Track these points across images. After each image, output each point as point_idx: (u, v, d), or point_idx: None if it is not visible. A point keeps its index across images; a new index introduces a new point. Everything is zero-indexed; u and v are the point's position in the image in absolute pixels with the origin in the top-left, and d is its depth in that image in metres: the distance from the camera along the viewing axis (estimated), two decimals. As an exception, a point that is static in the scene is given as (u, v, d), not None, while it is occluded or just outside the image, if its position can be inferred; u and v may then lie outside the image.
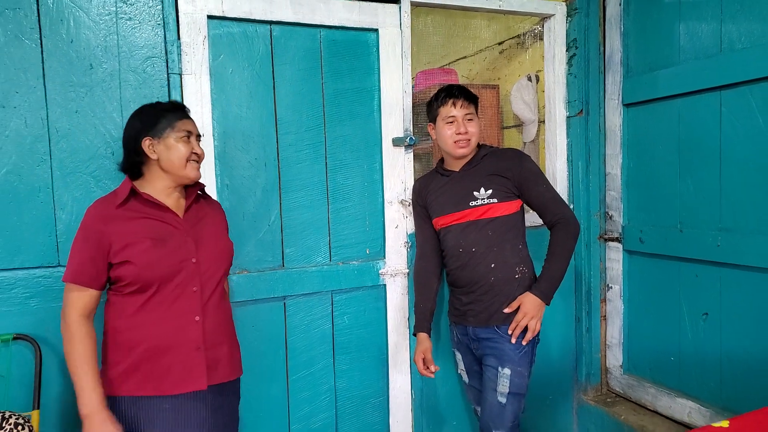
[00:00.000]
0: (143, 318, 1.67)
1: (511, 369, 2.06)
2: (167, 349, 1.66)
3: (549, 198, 2.12)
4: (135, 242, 1.65)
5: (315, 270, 2.31)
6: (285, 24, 2.23)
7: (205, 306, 1.72)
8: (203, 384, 1.68)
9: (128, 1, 1.99)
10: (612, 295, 2.78)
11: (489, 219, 2.10)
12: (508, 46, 3.05)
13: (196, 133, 1.75)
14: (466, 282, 2.14)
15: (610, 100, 2.72)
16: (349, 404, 2.41)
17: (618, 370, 2.78)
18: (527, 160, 2.15)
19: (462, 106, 2.11)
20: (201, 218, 1.79)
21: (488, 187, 2.10)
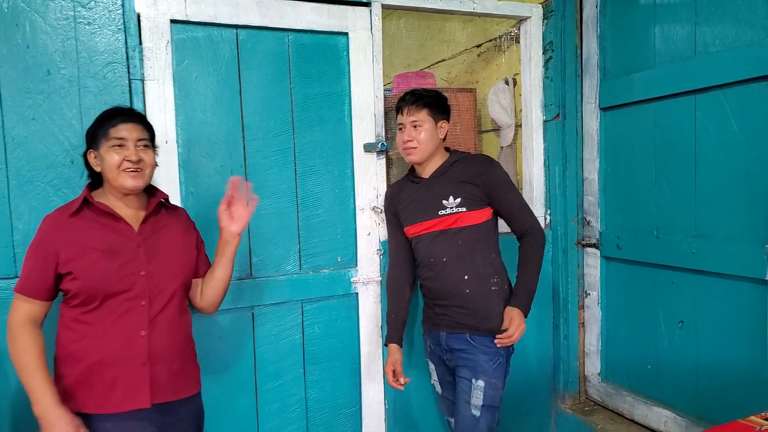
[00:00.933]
0: (89, 331, 1.63)
1: (485, 381, 2.01)
2: (111, 364, 1.61)
3: (518, 207, 2.08)
4: (83, 254, 1.61)
5: (284, 279, 2.26)
6: (252, 28, 2.18)
7: (154, 321, 1.66)
8: (147, 402, 1.62)
9: (87, 5, 1.94)
10: (590, 301, 2.74)
11: (458, 228, 2.04)
12: (486, 49, 3.01)
13: (136, 138, 1.64)
14: (439, 293, 2.09)
15: (587, 104, 2.68)
16: (321, 415, 2.37)
17: (596, 378, 2.74)
18: (497, 167, 2.10)
19: (409, 112, 2.05)
20: (158, 229, 1.73)
21: (457, 195, 2.05)
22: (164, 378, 1.68)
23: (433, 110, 2.06)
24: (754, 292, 2.05)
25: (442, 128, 2.09)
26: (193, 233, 1.86)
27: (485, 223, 2.07)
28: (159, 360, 1.66)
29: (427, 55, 3.06)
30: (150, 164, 1.69)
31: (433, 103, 2.07)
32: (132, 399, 1.62)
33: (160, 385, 1.67)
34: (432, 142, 2.06)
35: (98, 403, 1.61)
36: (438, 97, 2.11)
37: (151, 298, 1.66)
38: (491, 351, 2.02)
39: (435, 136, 2.06)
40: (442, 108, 2.10)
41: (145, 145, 1.67)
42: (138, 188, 1.66)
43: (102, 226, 1.65)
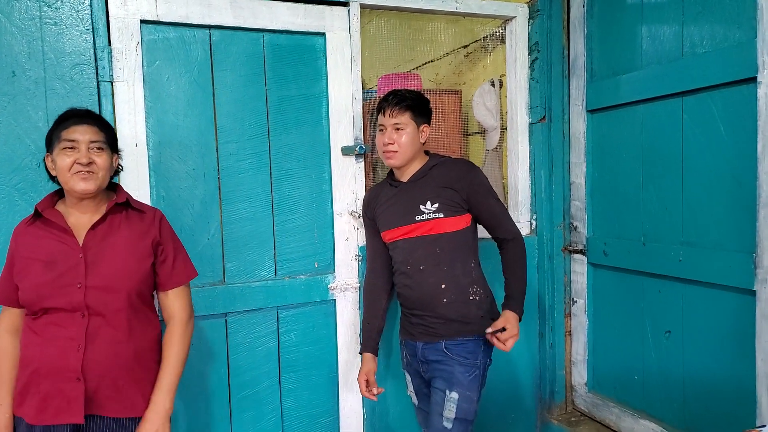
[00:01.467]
0: (33, 340, 1.60)
1: (459, 393, 1.93)
2: (46, 375, 1.56)
3: (499, 212, 2.02)
4: (28, 265, 1.59)
5: (259, 285, 2.21)
6: (225, 28, 2.14)
7: (93, 334, 1.57)
8: (80, 417, 1.54)
9: (53, 5, 1.90)
10: (577, 309, 2.68)
11: (436, 235, 1.97)
12: (473, 50, 2.95)
13: (89, 139, 1.57)
14: (416, 301, 2.01)
15: (574, 106, 2.62)
16: (297, 424, 2.32)
17: (583, 388, 2.67)
18: (477, 172, 2.03)
19: (391, 114, 1.97)
20: (110, 236, 1.63)
21: (435, 201, 1.97)
22: (104, 394, 1.59)
23: (415, 113, 1.99)
24: (741, 302, 1.98)
25: (423, 132, 2.02)
26: (150, 236, 1.69)
27: (464, 231, 2.00)
28: (96, 376, 1.57)
29: (412, 57, 3.00)
30: (103, 167, 1.60)
31: (416, 105, 2.00)
32: (66, 413, 1.55)
33: (98, 401, 1.58)
34: (413, 146, 1.99)
35: (35, 414, 1.57)
36: (421, 100, 2.04)
37: (89, 311, 1.57)
38: (468, 362, 1.95)
39: (416, 140, 2.00)
40: (424, 111, 2.03)
41: (99, 148, 1.59)
42: (89, 191, 1.58)
43: (50, 236, 1.60)
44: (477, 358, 1.97)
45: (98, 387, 1.58)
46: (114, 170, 1.69)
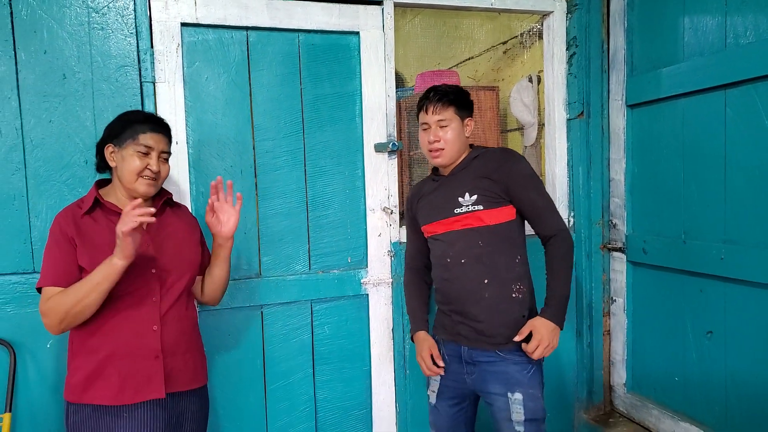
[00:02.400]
0: (105, 324, 1.67)
1: (523, 393, 1.84)
2: (126, 356, 1.66)
3: (542, 206, 1.90)
4: (96, 254, 1.65)
5: (293, 279, 2.27)
6: (261, 29, 2.20)
7: (165, 315, 1.71)
8: (161, 392, 1.67)
9: (101, 11, 2.01)
10: (616, 308, 2.62)
11: (477, 228, 1.89)
12: (511, 46, 2.93)
13: (161, 149, 1.71)
14: (456, 297, 1.94)
15: (614, 101, 2.56)
16: (330, 416, 2.36)
17: (622, 389, 2.61)
18: (517, 161, 1.92)
19: (434, 111, 1.92)
20: (165, 227, 1.78)
21: (474, 192, 1.90)
22: (177, 369, 1.73)
23: (459, 107, 1.94)
24: (785, 302, 1.90)
25: (468, 126, 1.97)
26: (197, 231, 1.89)
27: (508, 224, 1.91)
28: (171, 352, 1.72)
29: (451, 54, 3.00)
30: (164, 177, 1.75)
31: (458, 99, 1.94)
32: (147, 391, 1.67)
33: (173, 376, 1.72)
34: (459, 141, 1.94)
35: (113, 395, 1.65)
36: (462, 93, 1.98)
37: (161, 294, 1.71)
38: (522, 360, 1.87)
39: (462, 135, 1.94)
40: (466, 104, 1.97)
41: (165, 159, 1.74)
42: (148, 195, 1.72)
43: (111, 225, 1.69)
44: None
45: (173, 363, 1.72)
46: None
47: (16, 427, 1.96)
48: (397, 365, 2.41)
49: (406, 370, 2.42)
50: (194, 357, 1.81)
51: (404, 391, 2.42)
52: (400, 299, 2.39)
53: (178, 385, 1.74)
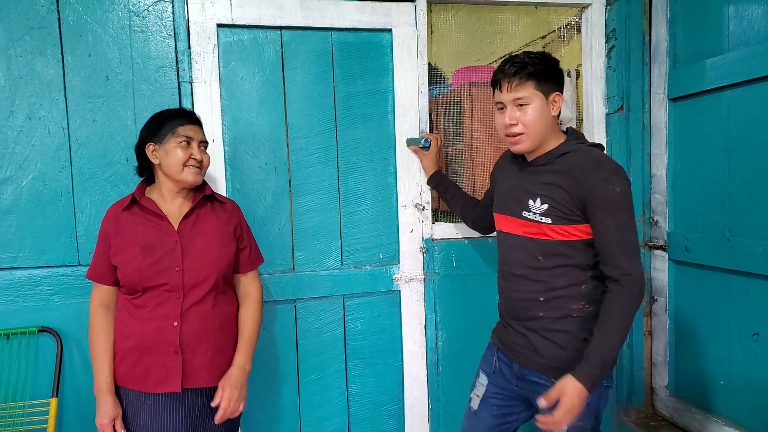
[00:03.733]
0: (132, 316, 1.76)
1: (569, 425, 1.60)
2: (147, 349, 1.73)
3: (615, 240, 1.55)
4: (126, 248, 1.75)
5: (326, 274, 2.30)
6: (295, 28, 2.24)
7: (187, 312, 1.75)
8: (177, 387, 1.72)
9: (141, 14, 2.09)
10: (657, 308, 2.54)
11: (539, 240, 1.65)
12: (550, 41, 2.87)
13: (199, 139, 1.79)
14: (510, 309, 1.78)
15: (655, 94, 2.48)
16: (363, 410, 2.38)
17: (664, 392, 2.53)
18: (607, 180, 1.54)
19: (510, 87, 1.62)
20: (199, 224, 1.82)
21: (545, 201, 1.62)
22: (197, 366, 1.77)
23: (541, 81, 1.62)
24: (835, 303, 1.80)
25: (555, 103, 1.65)
26: (231, 225, 1.88)
27: (579, 242, 1.61)
28: (190, 349, 1.76)
29: (487, 50, 2.97)
30: (206, 165, 1.83)
31: (541, 71, 1.62)
32: (165, 383, 1.73)
33: (193, 372, 1.76)
34: (544, 123, 1.63)
35: (137, 383, 1.75)
36: (547, 62, 1.65)
37: (185, 291, 1.76)
38: None
39: (547, 115, 1.64)
40: (552, 75, 1.65)
41: (204, 148, 1.82)
42: (197, 183, 1.80)
43: (146, 222, 1.78)
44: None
45: (192, 359, 1.75)
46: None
47: (63, 412, 2.07)
48: (430, 362, 2.41)
49: (438, 366, 2.42)
50: (220, 355, 1.82)
51: (437, 387, 2.42)
52: (433, 296, 2.39)
53: (198, 382, 1.77)
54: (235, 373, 1.82)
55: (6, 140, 2.00)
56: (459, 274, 2.41)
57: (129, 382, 1.76)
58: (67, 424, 2.08)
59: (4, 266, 2.02)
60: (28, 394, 2.01)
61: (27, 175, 2.03)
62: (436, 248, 2.39)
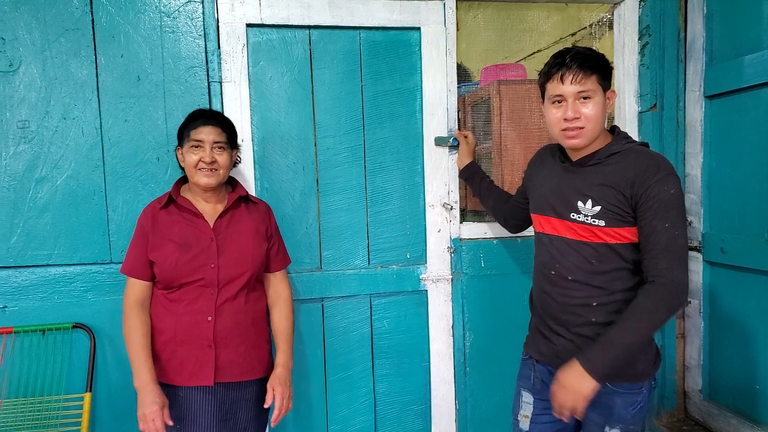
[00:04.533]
0: (167, 310, 1.80)
1: (621, 429, 1.61)
2: (182, 342, 1.78)
3: (661, 243, 1.49)
4: (163, 245, 1.79)
5: (353, 273, 2.30)
6: (323, 28, 2.24)
7: (221, 307, 1.79)
8: (210, 380, 1.76)
9: (172, 15, 2.11)
10: (691, 310, 2.48)
11: (592, 243, 1.59)
12: (581, 38, 2.82)
13: (213, 140, 1.78)
14: (556, 316, 1.70)
15: (691, 92, 2.42)
16: (389, 409, 2.38)
17: (697, 395, 2.47)
18: (662, 180, 1.50)
19: (575, 79, 1.56)
20: (233, 223, 1.86)
21: (597, 202, 1.57)
22: (229, 360, 1.81)
23: (602, 76, 1.59)
24: None
25: (609, 101, 1.64)
26: (264, 225, 1.92)
27: (633, 246, 1.57)
28: (223, 343, 1.79)
29: (516, 47, 2.93)
30: (224, 165, 1.81)
31: (602, 66, 1.60)
32: (199, 376, 1.77)
33: (225, 366, 1.80)
34: (602, 118, 1.60)
35: (171, 376, 1.79)
36: (604, 59, 1.63)
37: (219, 287, 1.79)
38: (631, 393, 1.61)
39: (604, 111, 1.61)
40: (609, 72, 1.63)
41: (220, 147, 1.81)
42: (210, 186, 1.80)
43: (182, 220, 1.82)
44: (641, 387, 1.63)
45: (225, 353, 1.79)
46: (233, 163, 1.91)
47: (96, 406, 2.11)
48: (457, 362, 2.39)
49: (466, 367, 2.40)
50: (251, 350, 1.86)
51: (464, 388, 2.41)
52: (461, 296, 2.37)
53: (230, 376, 1.81)
54: (282, 373, 1.87)
55: (42, 140, 2.05)
56: (487, 274, 2.39)
57: (163, 376, 1.80)
58: (100, 419, 2.12)
59: (40, 263, 2.07)
60: (63, 389, 2.06)
61: (62, 174, 2.07)
62: (464, 248, 2.37)
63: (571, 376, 1.51)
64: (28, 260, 2.06)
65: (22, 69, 2.03)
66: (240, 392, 1.85)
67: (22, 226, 2.05)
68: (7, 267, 2.05)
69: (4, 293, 2.05)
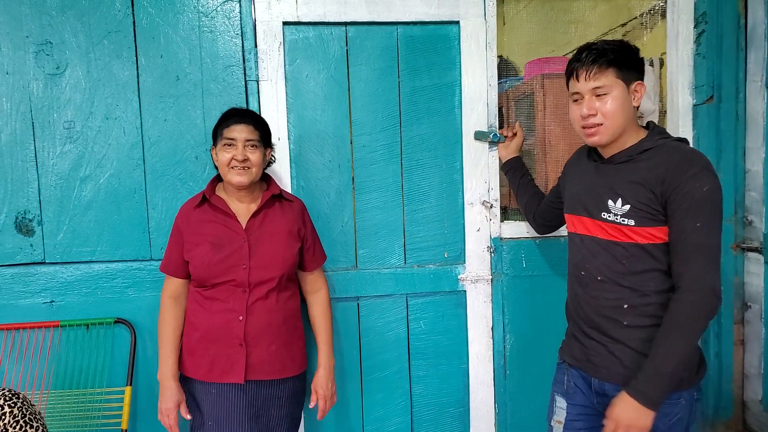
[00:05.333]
0: (202, 307, 1.83)
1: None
2: (214, 340, 1.80)
3: (692, 243, 1.43)
4: (198, 244, 1.82)
5: (389, 272, 2.27)
6: (360, 24, 2.21)
7: (252, 307, 1.80)
8: (241, 378, 1.77)
9: (209, 14, 2.13)
10: (751, 315, 2.32)
11: (622, 243, 1.54)
12: (632, 28, 2.68)
13: (245, 138, 1.79)
14: (588, 319, 1.65)
15: (752, 83, 2.26)
16: (426, 411, 2.34)
17: (757, 406, 2.31)
18: (695, 177, 1.43)
19: (588, 76, 1.53)
20: (266, 223, 1.86)
21: (627, 200, 1.52)
22: (260, 359, 1.81)
23: (622, 69, 1.53)
24: None
25: (636, 92, 1.55)
26: (297, 225, 1.92)
27: (666, 246, 1.51)
28: (254, 342, 1.80)
29: (562, 40, 2.82)
30: (256, 163, 1.82)
31: (621, 58, 1.53)
32: (231, 373, 1.79)
33: (256, 364, 1.81)
34: (624, 114, 1.53)
35: (204, 373, 1.81)
36: (626, 49, 1.55)
37: (251, 287, 1.80)
38: (669, 402, 1.51)
39: (628, 106, 1.54)
40: (633, 63, 1.55)
41: (253, 146, 1.81)
42: (243, 184, 1.81)
43: (215, 219, 1.84)
44: (680, 398, 1.54)
45: (257, 352, 1.80)
46: (267, 162, 1.91)
47: (136, 400, 2.16)
48: (497, 365, 2.32)
49: (506, 370, 2.33)
50: (282, 348, 1.86)
51: (504, 392, 2.34)
52: (501, 297, 2.30)
53: (261, 374, 1.82)
54: (323, 374, 1.95)
55: (86, 140, 2.10)
56: (529, 275, 2.31)
57: (196, 372, 1.82)
58: (141, 411, 2.17)
59: (84, 259, 2.13)
60: (105, 382, 2.12)
61: (104, 173, 2.12)
62: (504, 248, 2.30)
63: (627, 413, 1.45)
64: (73, 256, 2.13)
65: (68, 71, 2.09)
66: (272, 390, 1.85)
67: (67, 223, 2.12)
68: (54, 263, 2.13)
69: (52, 288, 2.12)
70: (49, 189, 2.10)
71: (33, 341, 2.09)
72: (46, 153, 2.09)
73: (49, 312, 2.12)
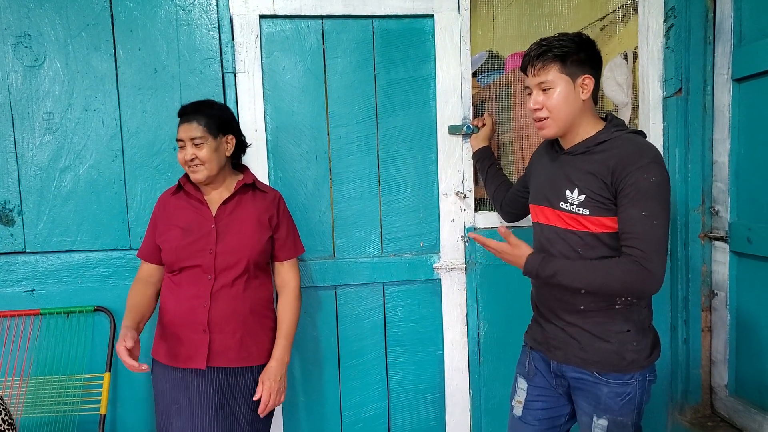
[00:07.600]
0: (171, 294, 1.88)
1: (609, 420, 1.61)
2: (180, 325, 1.84)
3: (637, 231, 1.48)
4: (169, 228, 1.87)
5: (366, 261, 2.32)
6: (336, 17, 2.25)
7: (217, 294, 1.82)
8: (202, 364, 1.80)
9: (187, 8, 2.16)
10: (717, 303, 2.38)
11: (578, 232, 1.59)
12: (608, 23, 2.73)
13: (190, 137, 1.81)
14: (546, 304, 1.73)
15: (719, 75, 2.32)
16: (402, 397, 2.39)
17: (723, 391, 2.38)
18: (643, 168, 1.47)
19: (534, 71, 1.58)
20: (237, 211, 1.89)
21: (582, 191, 1.57)
22: (224, 345, 1.83)
23: (566, 63, 1.55)
24: None
25: (584, 86, 1.58)
26: (268, 214, 1.93)
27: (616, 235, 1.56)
28: (218, 329, 1.83)
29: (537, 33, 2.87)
30: (206, 158, 1.82)
31: (567, 53, 1.55)
32: (192, 359, 1.82)
33: (219, 351, 1.83)
34: (569, 107, 1.57)
35: (171, 358, 1.85)
36: (575, 44, 1.56)
37: (216, 273, 1.83)
38: (620, 383, 1.60)
39: (574, 99, 1.57)
40: (581, 57, 1.56)
41: (199, 143, 1.82)
42: (200, 181, 1.85)
43: (189, 206, 1.89)
44: (632, 378, 1.61)
45: (220, 339, 1.83)
46: (230, 151, 1.91)
47: (116, 386, 2.20)
48: (471, 351, 2.38)
49: (480, 356, 2.39)
50: (247, 337, 1.87)
51: (478, 378, 2.39)
52: (475, 285, 2.35)
53: (224, 361, 1.84)
54: (274, 367, 1.89)
55: (65, 131, 2.13)
56: (502, 264, 2.31)
57: (164, 357, 1.86)
58: (121, 397, 2.21)
59: (64, 249, 2.17)
60: (85, 368, 2.15)
61: (84, 163, 2.15)
62: (478, 237, 2.35)
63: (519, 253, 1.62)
64: (54, 246, 2.16)
65: (46, 63, 2.12)
66: (236, 378, 1.87)
67: (48, 213, 2.15)
68: (35, 252, 2.16)
69: (32, 277, 2.16)
70: (29, 179, 2.13)
71: (14, 329, 2.13)
72: (26, 144, 2.12)
73: (29, 300, 2.16)
